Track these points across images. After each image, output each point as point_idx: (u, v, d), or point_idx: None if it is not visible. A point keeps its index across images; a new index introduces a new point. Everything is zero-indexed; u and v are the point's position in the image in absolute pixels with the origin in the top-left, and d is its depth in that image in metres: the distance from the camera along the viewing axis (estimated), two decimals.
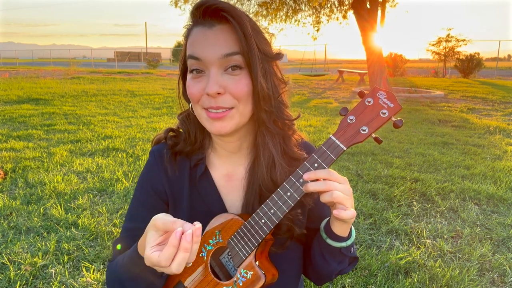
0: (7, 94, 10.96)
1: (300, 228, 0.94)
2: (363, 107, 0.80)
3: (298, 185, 0.80)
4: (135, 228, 0.99)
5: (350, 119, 0.80)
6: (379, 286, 2.34)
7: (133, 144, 5.53)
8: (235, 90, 0.83)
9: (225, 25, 0.83)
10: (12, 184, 3.92)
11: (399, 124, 0.77)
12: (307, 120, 7.69)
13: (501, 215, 3.34)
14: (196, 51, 0.84)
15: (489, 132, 6.70)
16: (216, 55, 0.82)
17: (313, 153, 0.80)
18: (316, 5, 14.63)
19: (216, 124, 0.86)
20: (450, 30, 26.01)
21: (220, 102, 0.83)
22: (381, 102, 0.79)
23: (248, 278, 0.85)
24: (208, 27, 0.84)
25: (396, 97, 0.78)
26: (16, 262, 2.53)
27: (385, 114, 0.78)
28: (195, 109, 0.90)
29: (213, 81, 0.82)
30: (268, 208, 0.83)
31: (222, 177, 0.99)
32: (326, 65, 29.48)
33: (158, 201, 1.00)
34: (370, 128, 0.79)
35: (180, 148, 0.98)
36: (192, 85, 0.86)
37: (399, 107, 0.78)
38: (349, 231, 0.89)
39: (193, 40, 0.85)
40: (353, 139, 0.79)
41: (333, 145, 0.80)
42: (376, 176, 4.21)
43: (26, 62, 49.82)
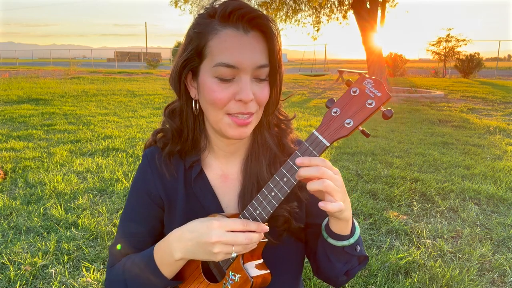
0: (7, 94, 10.96)
1: (297, 221, 0.94)
2: (348, 98, 0.73)
3: (282, 184, 0.77)
4: (131, 234, 0.99)
5: (334, 112, 0.74)
6: (379, 286, 2.34)
7: (133, 144, 5.53)
8: (261, 97, 0.85)
9: (258, 33, 0.82)
10: (12, 184, 3.92)
11: (388, 115, 0.70)
12: (307, 120, 7.69)
13: (501, 215, 3.34)
14: (231, 58, 0.80)
15: (489, 132, 6.70)
16: (252, 64, 0.81)
17: (296, 150, 0.76)
18: (316, 5, 14.63)
19: (240, 129, 0.86)
20: (450, 30, 26.12)
21: (249, 107, 0.84)
22: (368, 91, 0.72)
23: (236, 281, 0.83)
24: (243, 32, 0.81)
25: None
26: (16, 262, 2.53)
27: (371, 105, 0.71)
28: (214, 114, 0.86)
29: (248, 88, 0.82)
30: (253, 209, 0.81)
31: (218, 178, 0.98)
32: (326, 65, 29.47)
33: (152, 205, 0.98)
34: (355, 121, 0.72)
35: (169, 149, 0.96)
36: (220, 90, 0.82)
37: (387, 96, 0.70)
38: (350, 228, 0.86)
39: (226, 45, 0.81)
40: (337, 134, 0.73)
41: (316, 140, 0.74)
42: (376, 176, 4.21)
43: (26, 62, 49.82)
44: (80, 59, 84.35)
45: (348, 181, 4.04)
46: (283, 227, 0.92)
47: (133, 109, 9.04)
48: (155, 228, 1.00)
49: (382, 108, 0.71)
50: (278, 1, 14.70)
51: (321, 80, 20.15)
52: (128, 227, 1.00)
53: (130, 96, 11.42)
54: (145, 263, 0.89)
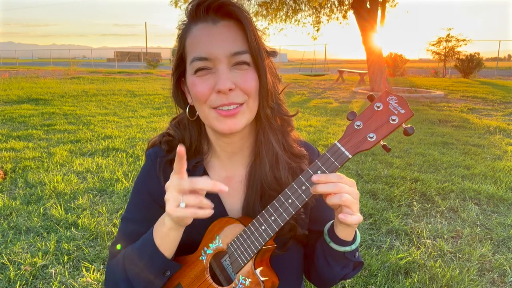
0: (7, 94, 10.96)
1: (302, 228, 0.93)
2: (371, 112, 0.75)
3: (300, 192, 0.77)
4: (133, 232, 0.98)
5: (357, 125, 0.75)
6: (379, 286, 2.34)
7: (133, 144, 5.53)
8: (245, 84, 0.83)
9: (229, 21, 0.81)
10: (12, 184, 3.91)
11: (410, 132, 0.72)
12: (307, 120, 7.69)
13: (501, 215, 3.34)
14: (202, 50, 0.81)
15: (489, 132, 6.70)
16: (225, 53, 0.80)
17: (317, 160, 0.77)
18: (316, 5, 14.63)
19: (228, 122, 0.84)
20: (450, 30, 26.08)
21: (232, 98, 0.82)
22: (391, 107, 0.74)
23: (247, 285, 0.83)
24: (212, 23, 0.81)
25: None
26: (16, 262, 2.53)
27: (394, 121, 0.73)
28: (201, 111, 0.86)
29: (224, 77, 0.80)
30: (269, 215, 0.80)
31: (222, 180, 0.97)
32: (326, 65, 29.48)
33: (154, 205, 0.98)
34: (378, 135, 0.74)
35: (173, 156, 0.93)
36: (199, 83, 0.82)
37: (410, 114, 0.72)
38: (353, 235, 0.87)
39: (196, 39, 0.82)
40: (359, 147, 0.75)
41: (338, 152, 0.76)
42: (376, 176, 4.21)
43: (26, 62, 49.82)
44: (80, 59, 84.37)
45: None
46: (289, 235, 0.91)
47: (133, 109, 9.04)
48: None
49: (404, 125, 0.73)
50: (278, 1, 14.69)
51: (321, 80, 20.15)
52: (129, 227, 1.00)
53: (130, 96, 11.42)
54: (142, 244, 0.88)
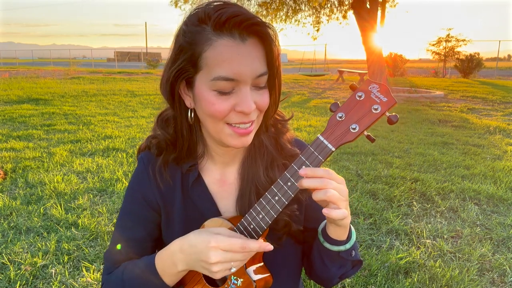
0: (7, 94, 10.96)
1: (297, 224, 0.93)
2: (353, 102, 0.73)
3: (286, 188, 0.76)
4: (128, 239, 0.98)
5: (339, 117, 0.73)
6: (379, 286, 2.34)
7: (133, 144, 5.53)
8: (261, 104, 0.82)
9: (255, 39, 0.77)
10: (12, 184, 3.92)
11: (393, 120, 0.70)
12: (307, 120, 7.69)
13: (501, 215, 3.34)
14: (230, 70, 0.76)
15: (489, 132, 6.70)
16: (251, 74, 0.78)
17: (301, 154, 0.76)
18: (316, 5, 14.63)
19: (242, 139, 0.84)
20: (450, 30, 26.08)
21: (251, 117, 0.82)
22: (373, 96, 0.72)
23: (239, 285, 0.83)
24: (240, 41, 0.76)
25: (394, 95, 0.72)
26: (16, 262, 2.53)
27: (377, 110, 0.71)
28: (213, 125, 0.83)
29: (249, 100, 0.79)
30: (256, 213, 0.80)
31: (216, 182, 0.96)
32: (326, 65, 29.48)
33: (149, 210, 0.97)
34: (360, 126, 0.72)
35: (164, 159, 0.94)
36: (219, 103, 0.79)
37: (393, 101, 0.70)
38: (347, 234, 0.86)
39: (224, 56, 0.75)
40: (343, 139, 0.73)
41: (321, 145, 0.74)
42: (376, 176, 4.21)
43: (26, 62, 49.82)
44: (80, 59, 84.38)
45: (348, 181, 4.04)
46: (283, 231, 0.91)
47: (133, 109, 9.04)
48: (153, 231, 0.99)
49: (387, 113, 0.71)
50: (278, 1, 14.70)
51: (321, 80, 20.15)
52: (125, 231, 0.98)
53: (130, 96, 11.42)
54: (146, 272, 0.88)
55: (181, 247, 0.82)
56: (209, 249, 0.76)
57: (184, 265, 0.82)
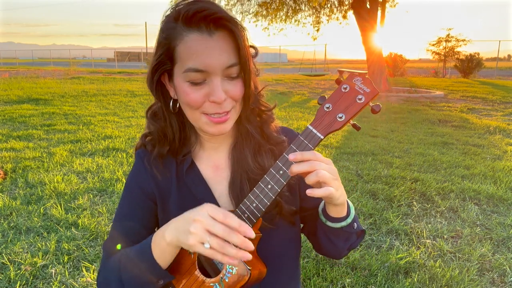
0: (7, 94, 10.96)
1: (288, 204, 0.96)
2: (339, 94, 0.79)
3: (278, 176, 0.80)
4: (126, 227, 1.00)
5: (326, 107, 0.79)
6: (379, 286, 2.34)
7: (133, 144, 5.53)
8: (234, 93, 0.86)
9: (223, 32, 0.82)
10: (12, 184, 3.92)
11: (376, 109, 0.76)
12: (307, 120, 7.69)
13: (501, 215, 3.34)
14: (198, 63, 0.82)
15: (489, 132, 6.70)
16: (220, 65, 0.82)
17: (291, 144, 0.80)
18: (316, 5, 14.63)
19: (217, 126, 0.88)
20: (450, 30, 26.05)
21: (224, 107, 0.86)
22: (357, 87, 0.78)
23: (234, 273, 0.86)
24: (208, 35, 0.81)
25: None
26: (16, 262, 2.53)
27: (361, 100, 0.77)
28: (191, 114, 0.89)
29: (219, 89, 0.83)
30: (250, 202, 0.83)
31: (209, 168, 1.00)
32: (326, 65, 29.48)
33: (146, 200, 1.00)
34: (347, 115, 0.78)
35: (158, 152, 0.97)
36: (193, 92, 0.85)
37: (375, 92, 0.77)
38: (346, 210, 0.90)
39: (192, 50, 0.82)
40: (330, 127, 0.79)
41: (310, 134, 0.79)
42: (376, 176, 4.21)
43: (26, 62, 49.84)
44: (80, 59, 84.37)
45: (348, 181, 4.04)
46: (275, 211, 0.95)
47: (133, 109, 9.04)
48: (149, 220, 1.02)
49: (370, 104, 0.77)
50: (278, 1, 14.70)
51: (321, 80, 20.15)
52: (124, 222, 1.01)
53: (130, 96, 11.42)
54: (141, 251, 0.89)
55: (176, 218, 0.84)
56: (200, 209, 0.78)
57: (171, 234, 0.82)
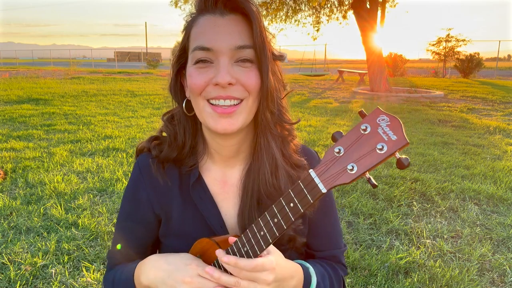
0: (7, 94, 10.96)
1: (301, 237, 0.91)
2: (356, 135, 0.60)
3: (271, 224, 0.68)
4: (126, 240, 0.98)
5: (336, 151, 0.61)
6: (379, 286, 2.34)
7: (133, 144, 5.53)
8: (247, 81, 0.79)
9: (237, 16, 0.79)
10: (12, 184, 3.92)
11: (404, 164, 0.56)
12: (307, 120, 7.69)
13: (501, 215, 3.34)
14: (205, 40, 0.78)
15: (489, 132, 6.70)
16: (229, 45, 0.77)
17: (290, 190, 0.66)
18: (316, 5, 14.63)
19: (223, 121, 0.79)
20: (450, 30, 26.01)
21: (230, 91, 0.78)
22: (381, 131, 0.58)
23: None
24: (219, 15, 0.79)
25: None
26: (16, 262, 2.53)
27: (382, 150, 0.57)
28: (196, 103, 0.83)
29: (224, 70, 0.76)
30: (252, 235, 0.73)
31: (217, 183, 0.94)
32: (326, 65, 29.49)
33: (145, 212, 0.96)
34: (359, 167, 0.59)
35: (165, 155, 0.91)
36: (196, 75, 0.79)
37: (403, 142, 0.56)
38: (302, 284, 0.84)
39: (201, 29, 0.80)
40: (336, 180, 0.60)
41: (311, 183, 0.62)
42: (376, 176, 4.21)
43: (26, 62, 49.82)
44: (80, 59, 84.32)
45: None
46: (288, 246, 0.89)
47: (133, 109, 9.04)
48: (151, 231, 0.99)
49: (397, 155, 0.57)
50: (278, 1, 14.69)
51: (321, 80, 20.15)
52: (123, 232, 0.99)
53: (130, 96, 11.42)
54: (126, 279, 0.90)
55: (157, 262, 0.83)
56: (188, 268, 0.77)
57: (148, 281, 0.82)
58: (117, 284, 0.93)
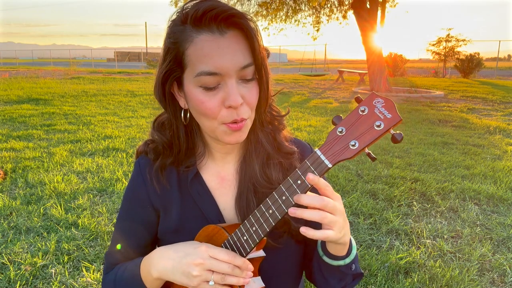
0: (7, 94, 10.96)
1: (296, 222, 0.91)
2: (356, 117, 0.69)
3: (280, 202, 0.73)
4: (126, 240, 0.98)
5: (339, 131, 0.69)
6: (379, 286, 2.34)
7: (133, 144, 5.53)
8: (250, 99, 0.81)
9: (235, 32, 0.77)
10: (12, 184, 3.92)
11: (398, 139, 0.66)
12: (307, 120, 7.69)
13: (501, 215, 3.34)
14: (211, 65, 0.76)
15: (489, 132, 6.70)
16: (234, 67, 0.77)
17: (297, 168, 0.72)
18: (316, 5, 14.63)
19: (235, 135, 0.83)
20: (450, 30, 26.03)
21: (242, 114, 0.80)
22: (377, 111, 0.67)
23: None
24: (219, 34, 0.76)
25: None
26: (16, 262, 2.53)
27: (379, 127, 0.66)
28: (209, 125, 0.83)
29: (235, 92, 0.77)
30: (250, 225, 0.77)
31: (215, 179, 0.95)
32: (326, 65, 29.48)
33: (146, 212, 0.96)
34: (360, 143, 0.67)
35: (161, 163, 0.92)
36: (208, 99, 0.79)
37: (397, 118, 0.66)
38: (346, 249, 0.84)
39: (204, 52, 0.76)
40: (340, 155, 0.68)
41: (318, 160, 0.70)
42: (376, 176, 4.21)
43: (26, 62, 49.83)
44: (80, 59, 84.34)
45: (348, 181, 4.04)
46: (283, 229, 0.90)
47: (133, 109, 9.04)
48: (150, 231, 0.99)
49: (391, 131, 0.66)
50: (278, 1, 14.70)
51: (321, 80, 20.15)
52: (123, 232, 0.99)
53: (130, 96, 11.42)
54: (132, 276, 0.89)
55: (164, 253, 0.82)
56: (198, 251, 0.76)
57: (159, 272, 0.81)
58: (119, 282, 0.92)
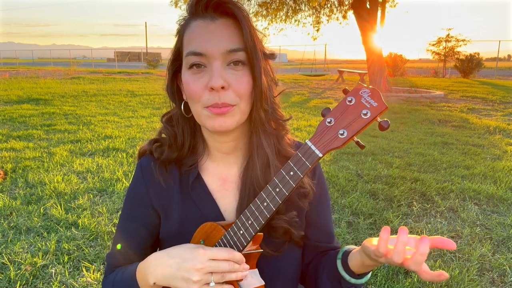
0: (7, 94, 10.96)
1: (297, 230, 0.92)
2: (343, 107, 0.71)
3: (274, 194, 0.74)
4: (127, 241, 0.98)
5: (328, 122, 0.71)
6: (379, 286, 2.34)
7: (133, 144, 5.53)
8: (238, 86, 0.81)
9: (227, 20, 0.82)
10: (12, 184, 3.92)
11: (384, 126, 0.67)
12: (307, 120, 7.69)
13: (501, 215, 3.34)
14: (197, 46, 0.81)
15: (489, 132, 6.70)
16: (220, 49, 0.80)
17: (289, 160, 0.74)
18: (316, 5, 14.64)
19: (218, 119, 0.82)
20: (450, 30, 26.01)
21: (224, 98, 0.81)
22: (364, 101, 0.69)
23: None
24: (210, 20, 0.82)
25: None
26: (16, 262, 2.53)
27: (366, 115, 0.68)
28: (194, 109, 0.86)
29: (217, 74, 0.79)
30: (246, 219, 0.78)
31: (216, 181, 0.95)
32: (326, 65, 29.48)
33: (147, 213, 0.97)
34: (349, 132, 0.69)
35: (166, 156, 0.93)
36: (193, 81, 0.82)
37: (383, 107, 0.68)
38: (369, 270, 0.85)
39: (193, 35, 0.83)
40: (330, 144, 0.71)
41: (309, 151, 0.72)
42: (376, 176, 4.21)
43: (26, 62, 49.82)
44: (80, 59, 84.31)
45: (348, 181, 4.04)
46: (284, 238, 0.90)
47: (133, 109, 9.04)
48: (152, 232, 0.99)
49: (378, 119, 0.68)
50: (278, 1, 14.70)
51: (321, 80, 20.15)
52: (124, 233, 0.99)
53: (130, 96, 11.42)
54: (128, 280, 0.88)
55: (160, 259, 0.82)
56: (197, 255, 0.76)
57: (156, 279, 0.80)
58: (117, 286, 0.92)
